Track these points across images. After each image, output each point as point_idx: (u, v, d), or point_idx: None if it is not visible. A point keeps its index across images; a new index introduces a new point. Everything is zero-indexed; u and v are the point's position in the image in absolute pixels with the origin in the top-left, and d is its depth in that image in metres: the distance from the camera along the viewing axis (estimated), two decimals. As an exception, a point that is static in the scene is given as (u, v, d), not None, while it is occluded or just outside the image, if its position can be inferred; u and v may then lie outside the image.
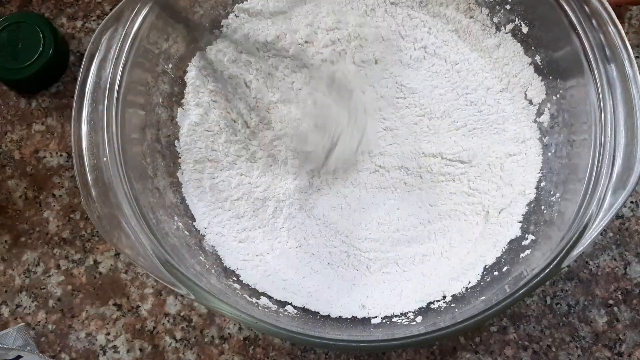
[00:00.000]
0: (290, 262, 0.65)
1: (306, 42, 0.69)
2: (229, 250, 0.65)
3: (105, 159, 0.56)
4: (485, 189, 0.66)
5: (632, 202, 0.71)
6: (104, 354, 0.68)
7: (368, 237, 0.66)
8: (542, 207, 0.64)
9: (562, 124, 0.64)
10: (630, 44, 0.56)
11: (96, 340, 0.68)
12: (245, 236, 0.66)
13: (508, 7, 0.67)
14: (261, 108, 0.68)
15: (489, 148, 0.67)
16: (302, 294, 0.63)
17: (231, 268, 0.64)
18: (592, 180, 0.55)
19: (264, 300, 0.62)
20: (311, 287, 0.64)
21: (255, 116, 0.68)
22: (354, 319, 0.62)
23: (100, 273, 0.70)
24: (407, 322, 0.60)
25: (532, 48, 0.67)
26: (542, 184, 0.65)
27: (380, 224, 0.66)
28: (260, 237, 0.66)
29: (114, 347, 0.68)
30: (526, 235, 0.63)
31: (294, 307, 0.62)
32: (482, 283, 0.62)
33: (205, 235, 0.65)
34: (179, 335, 0.68)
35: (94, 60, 0.58)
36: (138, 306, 0.69)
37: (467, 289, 0.62)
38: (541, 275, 0.53)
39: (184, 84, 0.68)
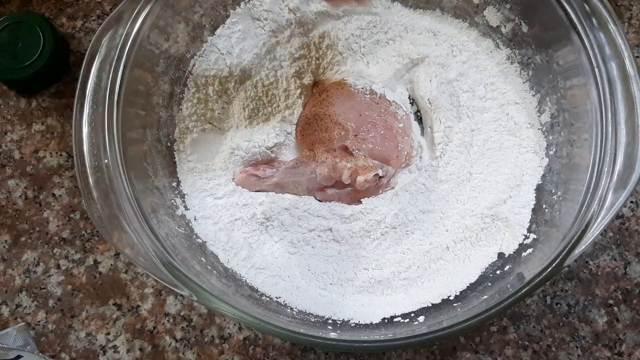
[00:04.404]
0: (289, 263, 0.65)
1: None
2: (229, 250, 0.65)
3: (106, 160, 0.56)
4: (489, 192, 0.67)
5: (632, 202, 0.71)
6: (104, 354, 0.68)
7: (370, 235, 0.66)
8: (544, 207, 0.64)
9: (562, 123, 0.65)
10: (630, 44, 0.57)
11: (96, 340, 0.68)
12: (245, 237, 0.65)
13: (508, 6, 0.67)
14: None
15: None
16: (302, 295, 0.63)
17: (231, 268, 0.64)
18: (593, 180, 0.55)
19: (264, 301, 0.62)
20: (312, 288, 0.64)
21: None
22: (355, 319, 0.62)
23: (100, 273, 0.70)
24: (408, 322, 0.60)
25: (533, 47, 0.67)
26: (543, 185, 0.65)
27: (380, 221, 0.66)
28: (261, 237, 0.66)
29: (114, 347, 0.68)
30: (528, 235, 0.63)
31: (294, 307, 0.63)
32: (483, 283, 0.62)
33: (205, 235, 0.65)
34: (179, 335, 0.68)
35: (95, 62, 0.58)
36: (138, 306, 0.69)
37: (469, 288, 0.62)
38: (543, 275, 0.53)
39: (184, 84, 0.68)
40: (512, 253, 0.63)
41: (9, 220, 0.72)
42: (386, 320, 0.61)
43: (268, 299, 0.62)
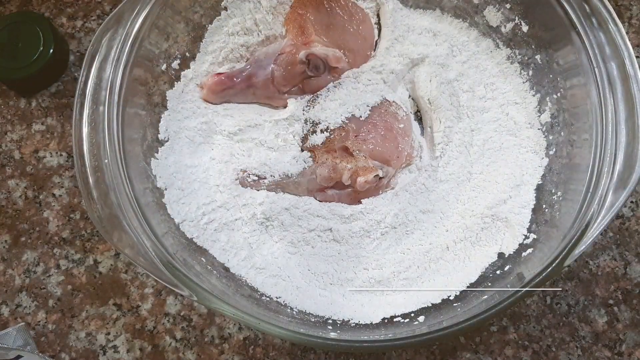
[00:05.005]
0: (289, 263, 0.65)
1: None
2: (229, 250, 0.65)
3: (106, 160, 0.56)
4: (488, 192, 0.67)
5: (632, 202, 0.71)
6: (104, 354, 0.68)
7: (370, 235, 0.66)
8: (544, 207, 0.64)
9: (562, 123, 0.65)
10: (631, 44, 0.57)
11: (96, 340, 0.68)
12: (245, 237, 0.65)
13: (508, 6, 0.68)
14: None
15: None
16: (302, 295, 0.63)
17: (231, 268, 0.64)
18: (593, 180, 0.55)
19: (264, 301, 0.62)
20: (312, 288, 0.64)
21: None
22: (355, 319, 0.62)
23: (100, 273, 0.70)
24: (408, 322, 0.60)
25: (533, 47, 0.67)
26: (543, 184, 0.65)
27: (380, 221, 0.66)
28: (261, 237, 0.66)
29: (114, 346, 0.68)
30: (528, 235, 0.63)
31: (294, 307, 0.62)
32: (483, 283, 0.62)
33: (205, 236, 0.65)
34: (179, 335, 0.68)
35: (95, 62, 0.58)
36: (138, 306, 0.69)
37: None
38: (543, 274, 0.53)
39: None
40: (512, 253, 0.63)
41: (9, 220, 0.72)
42: (386, 320, 0.61)
43: (268, 299, 0.62)
